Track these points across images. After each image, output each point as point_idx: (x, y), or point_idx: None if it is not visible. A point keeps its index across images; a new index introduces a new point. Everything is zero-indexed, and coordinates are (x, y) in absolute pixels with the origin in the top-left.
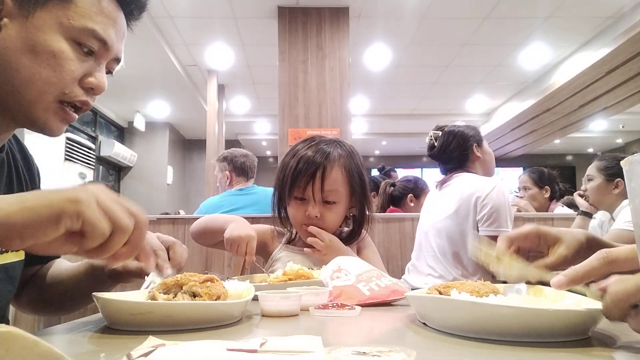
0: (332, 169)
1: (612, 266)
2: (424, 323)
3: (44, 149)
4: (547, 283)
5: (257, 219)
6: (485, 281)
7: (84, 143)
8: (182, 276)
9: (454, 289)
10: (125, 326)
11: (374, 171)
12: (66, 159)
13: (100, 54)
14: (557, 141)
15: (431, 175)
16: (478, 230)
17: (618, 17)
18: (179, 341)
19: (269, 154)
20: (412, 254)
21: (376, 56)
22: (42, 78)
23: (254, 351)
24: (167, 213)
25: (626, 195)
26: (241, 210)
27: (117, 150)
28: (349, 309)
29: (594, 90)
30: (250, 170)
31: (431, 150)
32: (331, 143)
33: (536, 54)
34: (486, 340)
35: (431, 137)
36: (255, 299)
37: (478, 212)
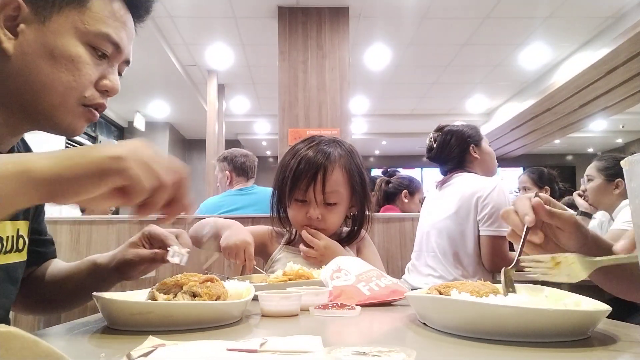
0: (333, 170)
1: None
2: (424, 323)
3: (44, 149)
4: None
5: (257, 219)
6: (485, 281)
7: (84, 143)
8: (182, 276)
9: (454, 289)
10: (125, 326)
11: (376, 171)
12: None
13: (113, 57)
14: (557, 141)
15: (431, 175)
16: (479, 230)
17: (618, 17)
18: (179, 341)
19: (269, 154)
20: (412, 254)
21: (376, 56)
22: (63, 82)
23: (254, 351)
24: None
25: (626, 195)
26: (241, 210)
27: None
28: (349, 309)
29: (594, 90)
30: (250, 170)
31: (429, 152)
32: (331, 143)
33: (536, 54)
34: (486, 340)
35: (431, 139)
36: (255, 299)
37: (479, 212)
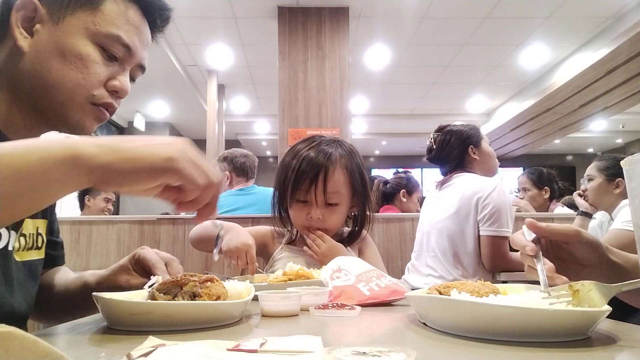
0: (334, 171)
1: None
2: (424, 323)
3: None
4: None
5: (257, 219)
6: (485, 281)
7: None
8: (182, 276)
9: (454, 289)
10: (125, 326)
11: (379, 172)
12: None
13: (124, 60)
14: (557, 141)
15: (431, 175)
16: (479, 230)
17: (618, 17)
18: (179, 341)
19: (269, 154)
20: (412, 254)
21: (376, 56)
22: (72, 80)
23: (254, 351)
24: (167, 213)
25: (627, 195)
26: (241, 210)
27: None
28: (349, 309)
29: (594, 90)
30: (250, 170)
31: (429, 152)
32: (332, 143)
33: (536, 54)
34: (486, 340)
35: (431, 139)
36: (255, 299)
37: (479, 212)
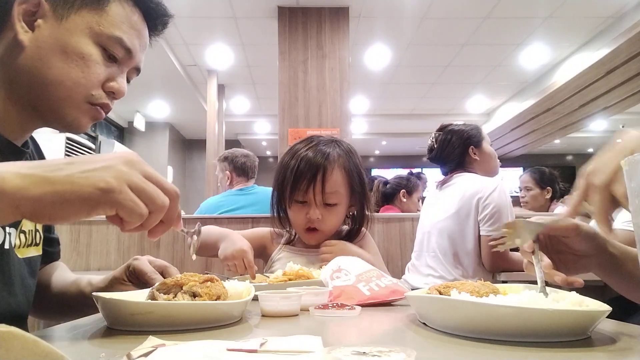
0: (333, 171)
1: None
2: (424, 323)
3: (44, 149)
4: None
5: (257, 219)
6: (485, 281)
7: (84, 143)
8: (182, 276)
9: (454, 289)
10: (125, 326)
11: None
12: None
13: (123, 62)
14: (557, 141)
15: (431, 175)
16: (479, 230)
17: (618, 17)
18: (179, 341)
19: (269, 154)
20: (412, 254)
21: (376, 56)
22: (72, 78)
23: (254, 351)
24: None
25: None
26: (241, 209)
27: (117, 150)
28: (349, 309)
29: (594, 90)
30: (250, 170)
31: (430, 152)
32: (330, 143)
33: (536, 54)
34: (486, 340)
35: (432, 139)
36: (255, 299)
37: (480, 212)
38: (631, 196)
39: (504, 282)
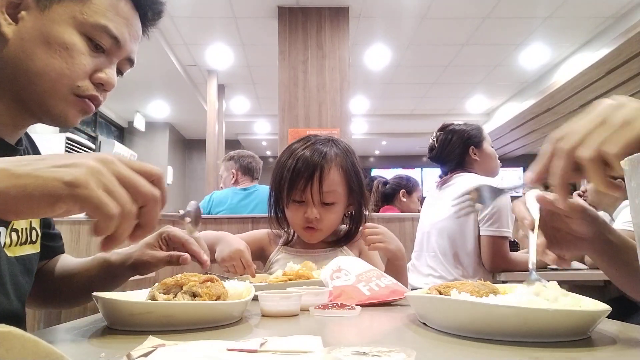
0: (330, 170)
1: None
2: (424, 323)
3: (43, 149)
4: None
5: (257, 219)
6: (485, 281)
7: (84, 143)
8: (182, 276)
9: (454, 289)
10: (125, 326)
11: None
12: None
13: (111, 52)
14: None
15: (431, 175)
16: (479, 230)
17: (618, 17)
18: (179, 341)
19: (269, 154)
20: (412, 254)
21: (376, 56)
22: (55, 69)
23: (254, 351)
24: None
25: (625, 195)
26: (244, 206)
27: (117, 150)
28: (349, 309)
29: (594, 90)
30: (255, 171)
31: (430, 151)
32: (327, 142)
33: (536, 54)
34: (486, 340)
35: (433, 138)
36: (255, 299)
37: (479, 213)
38: (631, 196)
39: (504, 282)
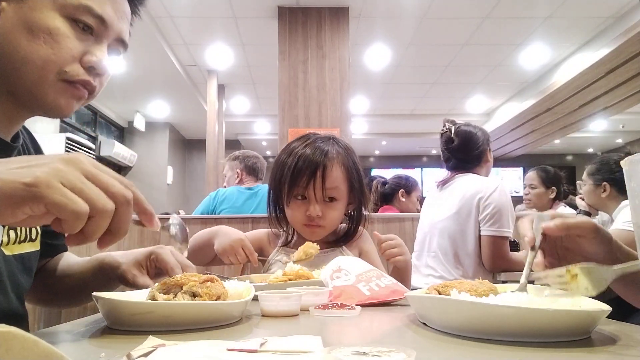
0: (332, 167)
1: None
2: (424, 323)
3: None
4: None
5: (258, 219)
6: (483, 279)
7: (84, 143)
8: (182, 276)
9: (454, 289)
10: (125, 326)
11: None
12: None
13: (99, 33)
14: (557, 141)
15: (431, 175)
16: (480, 230)
17: (618, 17)
18: (179, 341)
19: (269, 154)
20: (413, 254)
21: (376, 56)
22: (41, 56)
23: (254, 351)
24: (167, 213)
25: (616, 197)
26: (249, 205)
27: (117, 150)
28: (349, 309)
29: (594, 90)
30: (260, 171)
31: (450, 143)
32: (327, 140)
33: (536, 54)
34: (486, 340)
35: (446, 129)
36: (255, 299)
37: (480, 212)
38: (631, 196)
39: (504, 282)
